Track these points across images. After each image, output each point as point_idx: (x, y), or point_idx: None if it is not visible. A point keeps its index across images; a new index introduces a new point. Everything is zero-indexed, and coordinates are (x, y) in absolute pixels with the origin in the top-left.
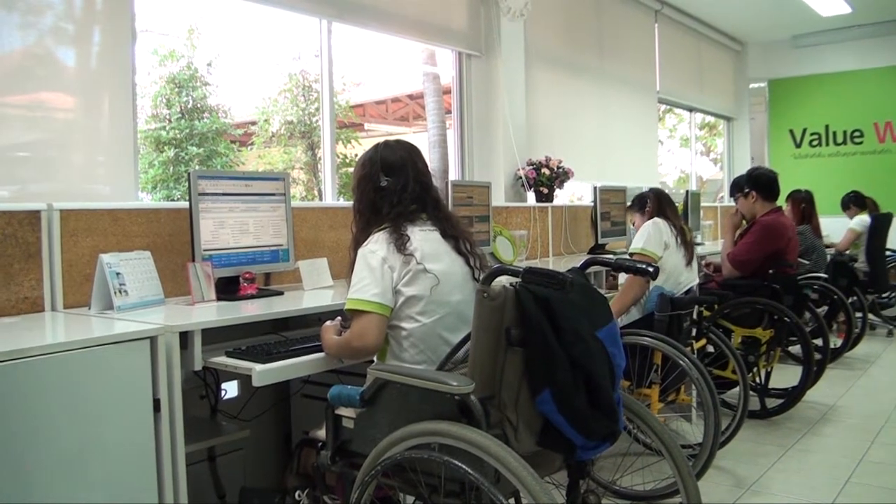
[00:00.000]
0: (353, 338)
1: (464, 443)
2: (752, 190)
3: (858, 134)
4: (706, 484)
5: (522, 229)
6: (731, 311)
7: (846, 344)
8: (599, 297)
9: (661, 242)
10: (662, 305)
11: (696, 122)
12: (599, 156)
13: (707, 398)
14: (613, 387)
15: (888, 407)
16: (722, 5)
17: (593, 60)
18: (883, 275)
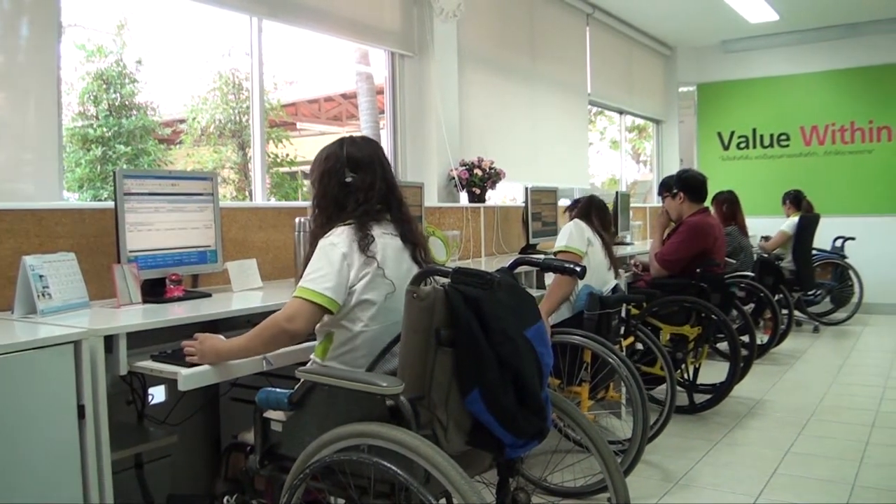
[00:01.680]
0: (281, 318)
1: (393, 444)
2: (680, 191)
3: (785, 137)
4: (636, 478)
5: (455, 230)
6: (660, 309)
7: (772, 340)
8: (527, 296)
9: (585, 239)
10: (591, 304)
11: (625, 125)
12: (531, 157)
13: (635, 395)
14: (541, 385)
15: (814, 400)
16: (652, 11)
17: (526, 62)
18: (809, 273)
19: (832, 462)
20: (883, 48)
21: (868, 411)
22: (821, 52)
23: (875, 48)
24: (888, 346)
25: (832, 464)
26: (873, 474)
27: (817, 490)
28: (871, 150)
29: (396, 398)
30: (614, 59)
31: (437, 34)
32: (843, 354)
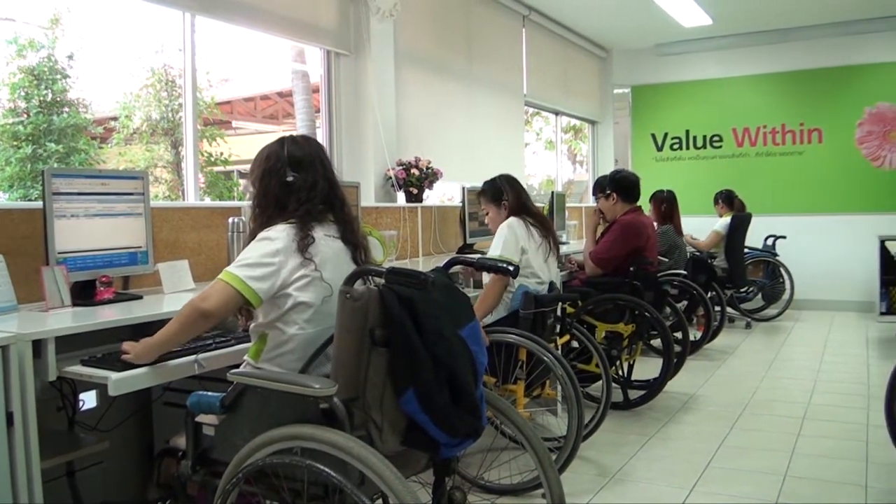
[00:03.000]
0: (196, 297)
1: (327, 446)
2: (613, 192)
3: (718, 139)
4: (571, 474)
5: (392, 229)
6: (595, 307)
7: (705, 336)
8: (462, 296)
9: (518, 248)
10: (527, 303)
11: (561, 126)
12: (468, 157)
13: (570, 392)
14: (476, 384)
15: (746, 394)
16: (588, 13)
17: (462, 63)
18: (741, 271)
19: (764, 454)
20: (813, 53)
21: (799, 404)
22: (753, 56)
23: (806, 53)
24: (818, 341)
25: (764, 455)
26: (804, 465)
27: (750, 481)
28: (801, 152)
29: (330, 400)
30: (550, 61)
31: (373, 33)
32: (774, 349)
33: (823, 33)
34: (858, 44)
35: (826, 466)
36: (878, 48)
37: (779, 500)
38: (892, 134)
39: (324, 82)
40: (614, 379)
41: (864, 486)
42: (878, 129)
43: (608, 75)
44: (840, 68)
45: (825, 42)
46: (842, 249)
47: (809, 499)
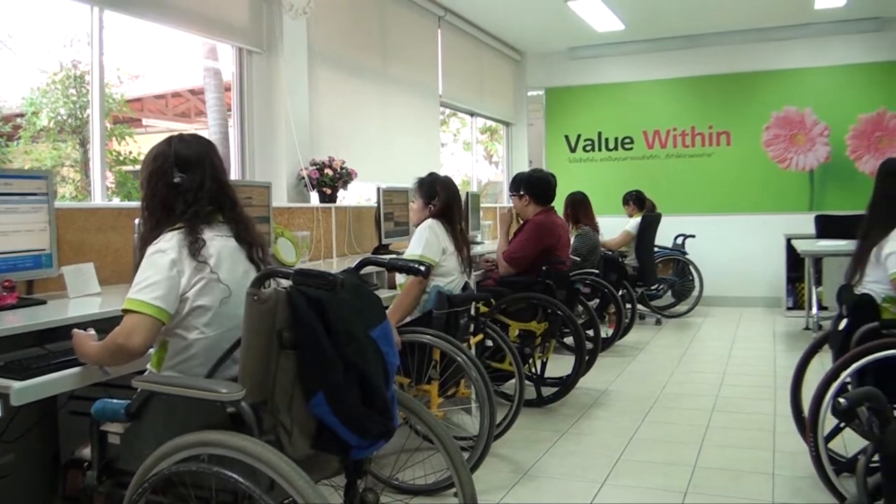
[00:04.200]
0: (119, 335)
1: (234, 451)
2: (526, 193)
3: (629, 141)
4: (485, 472)
5: (305, 230)
6: (508, 306)
7: (617, 333)
8: (372, 296)
9: (440, 248)
10: (440, 303)
11: (477, 127)
12: (383, 157)
13: (482, 391)
14: (387, 385)
15: (656, 389)
16: (503, 16)
17: (377, 63)
18: (651, 269)
19: (674, 446)
20: (722, 58)
21: (708, 397)
22: (664, 61)
23: (715, 58)
24: (726, 336)
25: (674, 447)
26: (713, 455)
27: (660, 473)
28: (710, 154)
29: (237, 404)
30: (466, 62)
31: (286, 31)
32: (684, 345)
33: (732, 40)
34: (765, 50)
35: (734, 456)
36: (784, 55)
37: (688, 491)
38: (798, 137)
39: (235, 80)
40: (528, 377)
41: (772, 474)
42: (785, 133)
43: (522, 77)
44: (748, 74)
45: (734, 48)
46: (749, 248)
47: (718, 488)
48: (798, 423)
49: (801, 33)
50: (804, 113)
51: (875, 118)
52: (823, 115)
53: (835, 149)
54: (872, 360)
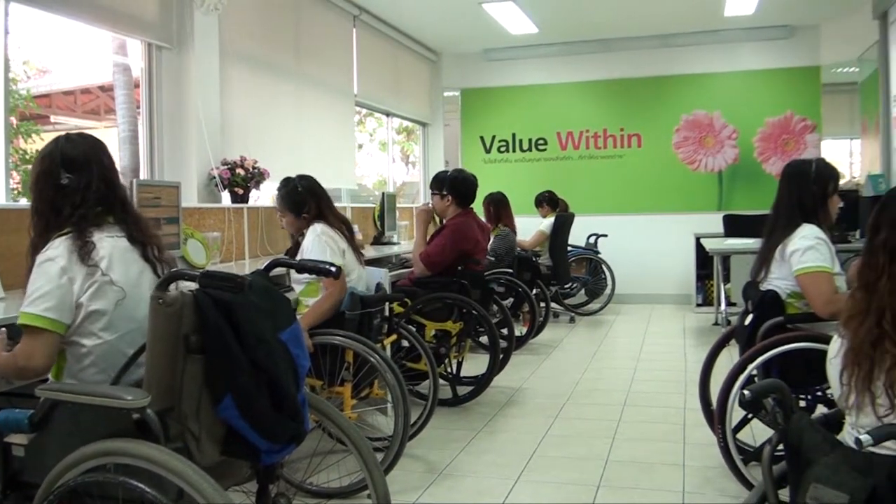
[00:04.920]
0: (19, 356)
1: (141, 460)
2: (449, 193)
3: (543, 142)
4: (400, 472)
5: (216, 231)
6: (424, 306)
7: (531, 331)
8: (282, 298)
9: (340, 251)
10: (353, 304)
11: (393, 127)
12: (297, 157)
13: (396, 392)
14: (297, 388)
15: (569, 386)
16: (418, 16)
17: (291, 61)
18: (564, 268)
19: (587, 441)
20: (633, 62)
21: (620, 392)
22: (577, 64)
23: (626, 62)
24: (637, 332)
25: (587, 442)
26: (625, 449)
27: (573, 468)
28: (622, 156)
29: (143, 411)
30: (381, 62)
31: (197, 27)
32: (597, 342)
33: (643, 45)
34: (676, 55)
35: (645, 449)
36: (694, 60)
37: (601, 484)
38: (707, 139)
39: (144, 77)
40: (443, 376)
41: (682, 465)
42: (694, 135)
43: (438, 78)
44: (659, 77)
45: (645, 53)
46: (660, 246)
47: (630, 481)
48: (707, 416)
49: (712, 39)
50: (713, 116)
51: (782, 122)
52: (732, 119)
53: (742, 151)
54: (777, 353)
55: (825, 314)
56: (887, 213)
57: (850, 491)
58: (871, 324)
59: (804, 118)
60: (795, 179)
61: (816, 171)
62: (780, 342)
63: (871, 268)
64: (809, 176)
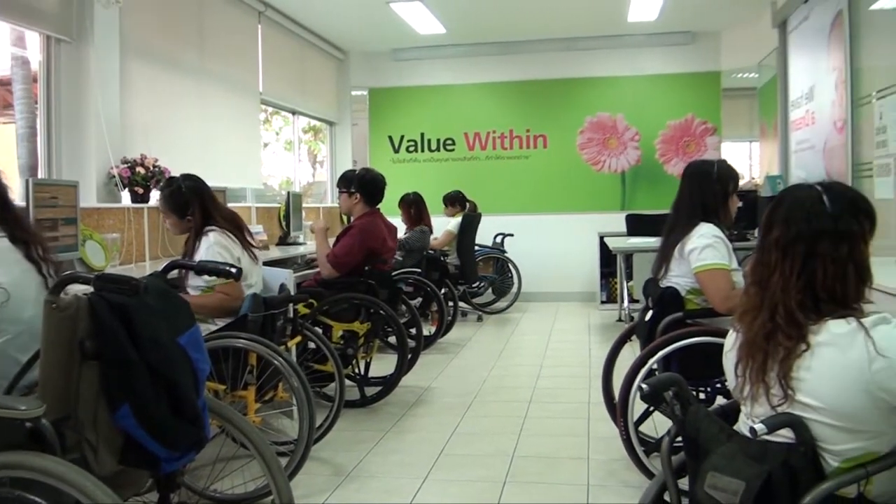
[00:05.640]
0: None
1: (36, 473)
2: (357, 192)
3: (451, 142)
4: (306, 476)
5: (115, 232)
6: (330, 307)
7: (439, 331)
8: (180, 301)
9: (235, 258)
10: (255, 306)
11: (300, 126)
12: (200, 156)
13: (301, 395)
14: (198, 393)
15: (477, 384)
16: (325, 14)
17: (194, 57)
18: (472, 268)
19: (494, 438)
20: (539, 65)
21: (526, 388)
22: (484, 66)
23: (533, 64)
24: (544, 330)
25: (494, 439)
26: (531, 444)
27: (480, 465)
28: (528, 156)
29: (38, 421)
30: (287, 60)
31: (97, 20)
32: (504, 340)
33: (549, 47)
34: (581, 59)
35: (551, 444)
36: (599, 63)
37: (507, 480)
38: (611, 141)
39: (42, 71)
40: (351, 377)
41: (587, 458)
42: (598, 137)
43: (346, 77)
44: (564, 80)
45: (551, 55)
46: (565, 245)
47: (535, 475)
48: (610, 409)
49: (616, 44)
50: (616, 118)
51: (683, 124)
52: (634, 121)
53: (645, 152)
54: (677, 347)
55: (723, 310)
56: (779, 212)
57: (746, 478)
58: (765, 318)
59: (705, 121)
60: (698, 179)
61: (719, 172)
62: (679, 337)
63: (763, 265)
64: (712, 176)
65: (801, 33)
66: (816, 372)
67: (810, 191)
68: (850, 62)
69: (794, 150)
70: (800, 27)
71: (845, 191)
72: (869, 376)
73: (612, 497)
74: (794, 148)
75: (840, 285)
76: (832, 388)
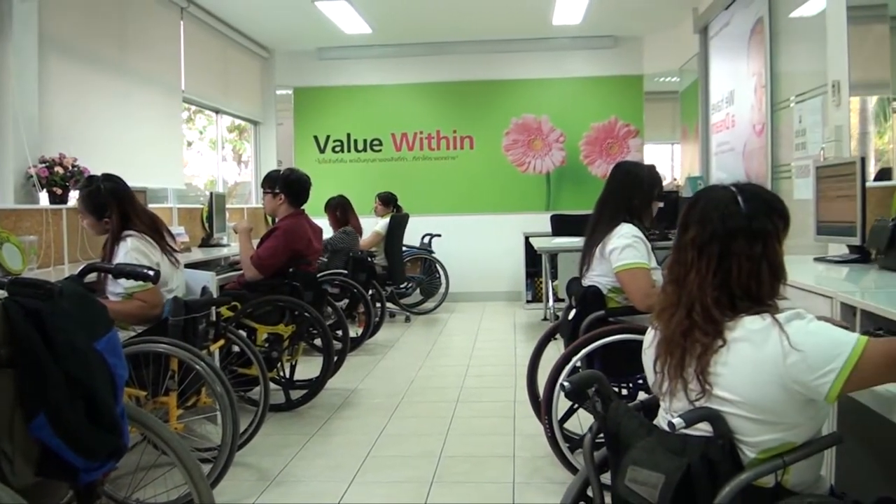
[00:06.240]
0: None
1: None
2: (281, 192)
3: (378, 143)
4: (230, 483)
5: (33, 234)
6: (254, 310)
7: (366, 332)
8: (97, 305)
9: (154, 264)
10: (176, 310)
11: (224, 125)
12: (120, 155)
13: (223, 399)
14: (116, 400)
15: (404, 385)
16: (249, 11)
17: (115, 54)
18: (399, 268)
19: (421, 438)
20: (465, 66)
21: (453, 388)
22: (411, 66)
23: (459, 66)
24: (471, 330)
25: (421, 440)
26: (458, 444)
27: (407, 466)
28: (455, 157)
29: None
30: (210, 58)
31: (15, 14)
32: (431, 340)
33: (475, 49)
34: (507, 61)
35: (477, 443)
36: (524, 65)
37: (434, 480)
38: (536, 143)
39: None
40: (276, 380)
41: (513, 456)
42: (523, 138)
43: (271, 76)
44: (490, 82)
45: (477, 57)
46: (492, 246)
47: (462, 475)
48: (535, 407)
49: (541, 46)
50: (541, 120)
51: (607, 126)
52: (559, 123)
53: (569, 154)
54: (599, 345)
55: (643, 307)
56: (695, 212)
57: (666, 471)
58: (682, 315)
59: (628, 124)
60: (628, 181)
61: (649, 177)
62: (601, 335)
63: (680, 264)
64: (643, 179)
65: (722, 39)
66: (733, 367)
67: (725, 192)
68: (769, 67)
69: (715, 152)
70: (720, 33)
71: (759, 192)
72: (783, 370)
73: (538, 494)
74: (715, 150)
75: (755, 283)
76: (748, 382)
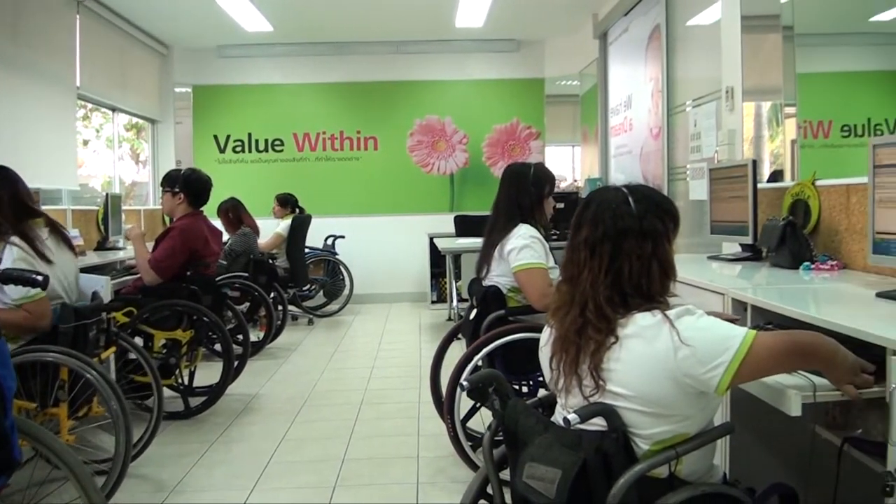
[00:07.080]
0: None
1: None
2: (181, 191)
3: (279, 143)
4: (125, 494)
5: None
6: (151, 315)
7: (268, 336)
8: None
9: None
10: (65, 316)
11: (121, 123)
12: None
13: (115, 409)
14: (5, 413)
15: (307, 388)
16: (147, 6)
17: (5, 47)
18: (302, 270)
19: (324, 442)
20: (369, 66)
21: (357, 391)
22: (313, 66)
23: (362, 66)
24: (376, 331)
25: (324, 444)
26: (362, 447)
27: (310, 471)
28: (359, 158)
29: None
30: (107, 53)
31: None
32: (335, 342)
33: (378, 50)
34: (409, 62)
35: (382, 445)
36: (427, 67)
37: (337, 484)
38: (440, 144)
39: None
40: (174, 387)
41: (417, 457)
42: (427, 139)
43: (169, 73)
44: (393, 83)
45: (380, 58)
46: (396, 247)
47: (366, 477)
48: (438, 407)
49: (444, 48)
50: (445, 122)
51: (509, 128)
52: (462, 125)
53: (472, 155)
54: (499, 343)
55: (540, 306)
56: (587, 213)
57: (562, 466)
58: (576, 314)
59: (529, 126)
60: (515, 181)
61: (535, 174)
62: (501, 334)
63: (573, 263)
64: (528, 178)
65: (621, 45)
66: (625, 362)
67: (617, 193)
68: (666, 73)
69: (614, 154)
70: (619, 39)
71: (650, 193)
72: (674, 364)
73: (441, 494)
74: (614, 152)
75: (645, 280)
76: (640, 376)
